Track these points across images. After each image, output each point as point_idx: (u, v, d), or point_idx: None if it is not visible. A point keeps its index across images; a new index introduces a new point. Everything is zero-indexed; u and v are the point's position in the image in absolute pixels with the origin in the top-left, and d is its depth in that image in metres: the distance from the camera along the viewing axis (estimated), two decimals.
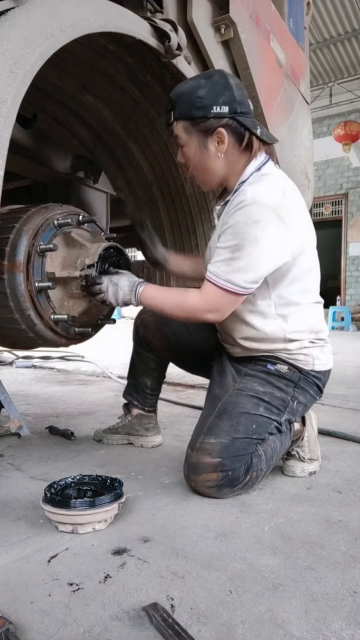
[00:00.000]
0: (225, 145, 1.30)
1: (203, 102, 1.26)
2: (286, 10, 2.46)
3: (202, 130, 1.29)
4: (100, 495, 1.16)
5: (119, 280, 1.38)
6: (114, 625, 0.77)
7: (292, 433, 1.46)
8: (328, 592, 0.88)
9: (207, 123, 1.28)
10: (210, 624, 0.78)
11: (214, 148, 1.31)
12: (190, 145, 1.33)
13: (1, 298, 1.45)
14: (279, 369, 1.41)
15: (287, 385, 1.40)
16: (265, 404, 1.36)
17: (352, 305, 11.05)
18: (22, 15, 1.05)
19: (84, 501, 1.11)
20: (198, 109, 1.26)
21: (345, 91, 10.81)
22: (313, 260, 1.40)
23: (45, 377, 3.49)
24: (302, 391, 1.42)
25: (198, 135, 1.30)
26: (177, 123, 1.32)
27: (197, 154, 1.33)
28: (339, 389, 3.06)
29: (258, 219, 1.22)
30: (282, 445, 1.40)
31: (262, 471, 1.33)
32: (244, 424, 1.31)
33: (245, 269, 1.24)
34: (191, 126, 1.30)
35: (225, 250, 1.25)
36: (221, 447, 1.27)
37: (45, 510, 1.10)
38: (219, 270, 1.26)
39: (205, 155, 1.32)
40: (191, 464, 1.30)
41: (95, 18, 1.23)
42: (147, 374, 1.76)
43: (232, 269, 1.24)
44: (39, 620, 0.78)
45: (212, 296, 1.28)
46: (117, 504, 1.13)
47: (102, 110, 1.91)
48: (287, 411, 1.39)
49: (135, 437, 1.78)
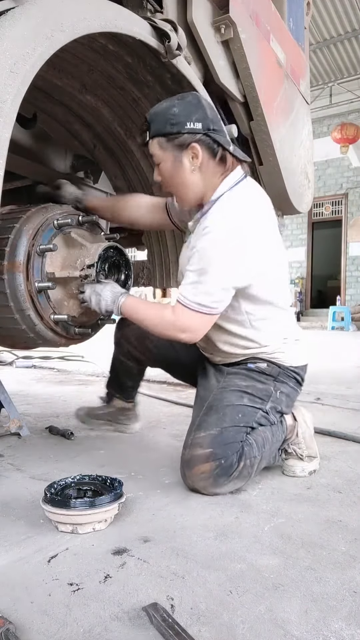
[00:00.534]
0: (200, 160, 1.33)
1: (177, 119, 1.30)
2: (286, 10, 2.46)
3: (177, 145, 1.32)
4: (100, 495, 1.16)
5: (102, 291, 1.41)
6: (114, 625, 0.77)
7: (285, 426, 1.50)
8: (328, 592, 0.88)
9: (181, 138, 1.31)
10: (210, 624, 0.78)
11: (188, 162, 1.34)
12: (166, 160, 1.35)
13: (1, 298, 1.45)
14: (259, 366, 1.48)
15: (268, 379, 1.47)
16: (248, 395, 1.43)
17: (352, 305, 11.06)
18: (22, 15, 1.05)
19: (84, 501, 1.11)
20: (172, 125, 1.30)
21: (345, 91, 10.82)
22: (279, 275, 1.45)
23: (45, 377, 3.49)
24: (283, 383, 1.49)
25: (173, 150, 1.33)
26: (152, 141, 1.35)
27: (172, 169, 1.36)
28: (339, 389, 3.06)
29: (218, 246, 1.29)
30: (273, 436, 1.44)
31: (256, 458, 1.36)
32: (229, 414, 1.37)
33: (209, 292, 1.30)
34: (166, 142, 1.33)
35: (193, 274, 1.31)
36: (211, 438, 1.32)
37: (45, 511, 1.10)
38: (188, 293, 1.31)
39: (181, 169, 1.35)
40: (185, 461, 1.34)
41: (95, 18, 1.23)
42: (128, 376, 1.85)
43: (198, 292, 1.30)
44: (39, 620, 0.78)
45: (184, 317, 1.33)
46: (117, 504, 1.13)
47: (102, 110, 1.91)
48: (270, 400, 1.45)
49: (117, 425, 1.89)
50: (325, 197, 11.70)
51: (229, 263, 1.30)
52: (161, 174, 1.39)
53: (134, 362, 1.78)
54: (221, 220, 1.31)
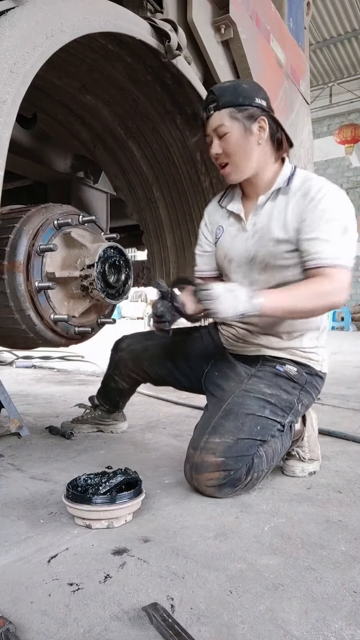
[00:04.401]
0: (266, 133, 1.40)
1: (247, 93, 1.39)
2: (286, 10, 2.46)
3: (247, 116, 1.38)
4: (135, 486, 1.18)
5: (235, 290, 1.25)
6: (114, 625, 0.77)
7: (293, 433, 1.47)
8: (328, 592, 0.88)
9: (251, 110, 1.38)
10: (210, 624, 0.78)
11: (256, 133, 1.40)
12: (234, 130, 1.39)
13: (1, 298, 1.45)
14: (287, 371, 1.43)
15: (294, 388, 1.42)
16: (271, 406, 1.37)
17: (352, 305, 11.05)
18: (22, 15, 1.05)
19: (124, 494, 1.14)
20: (244, 97, 1.38)
21: (345, 91, 10.83)
22: None
23: (45, 377, 3.49)
24: (307, 394, 1.46)
25: (243, 120, 1.38)
26: (221, 112, 1.38)
27: (241, 137, 1.39)
28: (339, 389, 3.06)
29: (344, 205, 1.36)
30: (282, 446, 1.41)
31: (263, 472, 1.34)
32: (248, 425, 1.32)
33: (353, 246, 1.35)
34: (237, 112, 1.38)
35: (334, 235, 1.32)
36: (225, 447, 1.27)
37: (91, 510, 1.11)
38: (341, 253, 1.32)
39: (248, 139, 1.40)
40: (194, 463, 1.30)
41: (95, 18, 1.23)
42: (119, 395, 1.89)
43: (349, 249, 1.33)
44: (39, 620, 0.78)
45: (345, 277, 1.33)
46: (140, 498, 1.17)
47: (102, 110, 1.91)
48: (291, 413, 1.41)
49: (105, 426, 1.95)
50: None
51: (355, 220, 1.37)
52: (226, 144, 1.41)
53: (128, 383, 1.81)
54: (327, 186, 1.37)
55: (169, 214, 2.24)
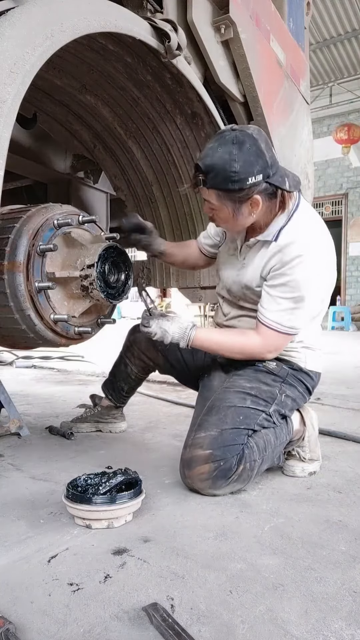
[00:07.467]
0: (260, 207, 1.32)
1: (239, 176, 1.24)
2: (286, 10, 2.46)
3: (237, 199, 1.30)
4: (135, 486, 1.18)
5: (168, 327, 1.41)
6: (114, 625, 0.77)
7: (290, 428, 1.48)
8: (328, 592, 0.88)
9: (242, 194, 1.28)
10: (210, 624, 0.78)
11: (247, 211, 1.33)
12: (223, 209, 1.34)
13: (1, 298, 1.45)
14: (266, 365, 1.47)
15: (275, 381, 1.46)
16: (251, 397, 1.41)
17: (352, 305, 11.05)
18: (22, 15, 1.05)
19: (124, 494, 1.14)
20: (234, 182, 1.25)
21: (345, 91, 10.81)
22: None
23: (45, 377, 3.49)
24: (290, 386, 1.48)
25: (232, 203, 1.31)
26: (209, 190, 1.31)
27: (229, 216, 1.35)
28: (339, 389, 3.06)
29: (311, 278, 1.36)
30: (277, 439, 1.42)
31: (256, 462, 1.35)
32: (230, 416, 1.36)
33: (303, 317, 1.40)
34: (226, 196, 1.30)
35: (287, 301, 1.36)
36: (210, 439, 1.31)
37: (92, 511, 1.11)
38: (282, 319, 1.36)
39: (238, 217, 1.35)
40: (184, 460, 1.34)
41: (95, 18, 1.23)
42: (126, 382, 1.90)
43: (295, 317, 1.37)
44: (39, 620, 0.78)
45: (274, 340, 1.40)
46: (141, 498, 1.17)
47: (102, 110, 1.91)
48: (275, 403, 1.44)
49: (104, 424, 1.96)
50: (325, 197, 11.69)
51: (319, 291, 1.41)
52: (216, 214, 1.38)
53: (137, 367, 1.83)
54: (308, 249, 1.33)
55: (169, 214, 2.24)
